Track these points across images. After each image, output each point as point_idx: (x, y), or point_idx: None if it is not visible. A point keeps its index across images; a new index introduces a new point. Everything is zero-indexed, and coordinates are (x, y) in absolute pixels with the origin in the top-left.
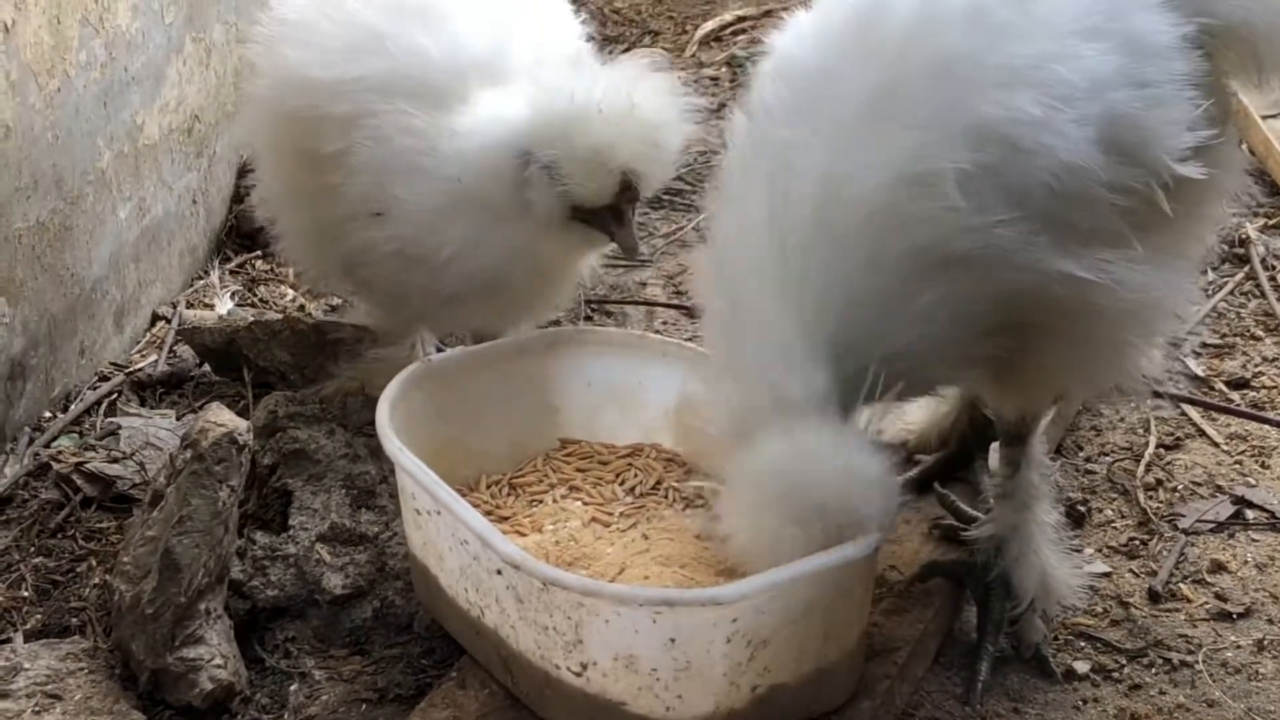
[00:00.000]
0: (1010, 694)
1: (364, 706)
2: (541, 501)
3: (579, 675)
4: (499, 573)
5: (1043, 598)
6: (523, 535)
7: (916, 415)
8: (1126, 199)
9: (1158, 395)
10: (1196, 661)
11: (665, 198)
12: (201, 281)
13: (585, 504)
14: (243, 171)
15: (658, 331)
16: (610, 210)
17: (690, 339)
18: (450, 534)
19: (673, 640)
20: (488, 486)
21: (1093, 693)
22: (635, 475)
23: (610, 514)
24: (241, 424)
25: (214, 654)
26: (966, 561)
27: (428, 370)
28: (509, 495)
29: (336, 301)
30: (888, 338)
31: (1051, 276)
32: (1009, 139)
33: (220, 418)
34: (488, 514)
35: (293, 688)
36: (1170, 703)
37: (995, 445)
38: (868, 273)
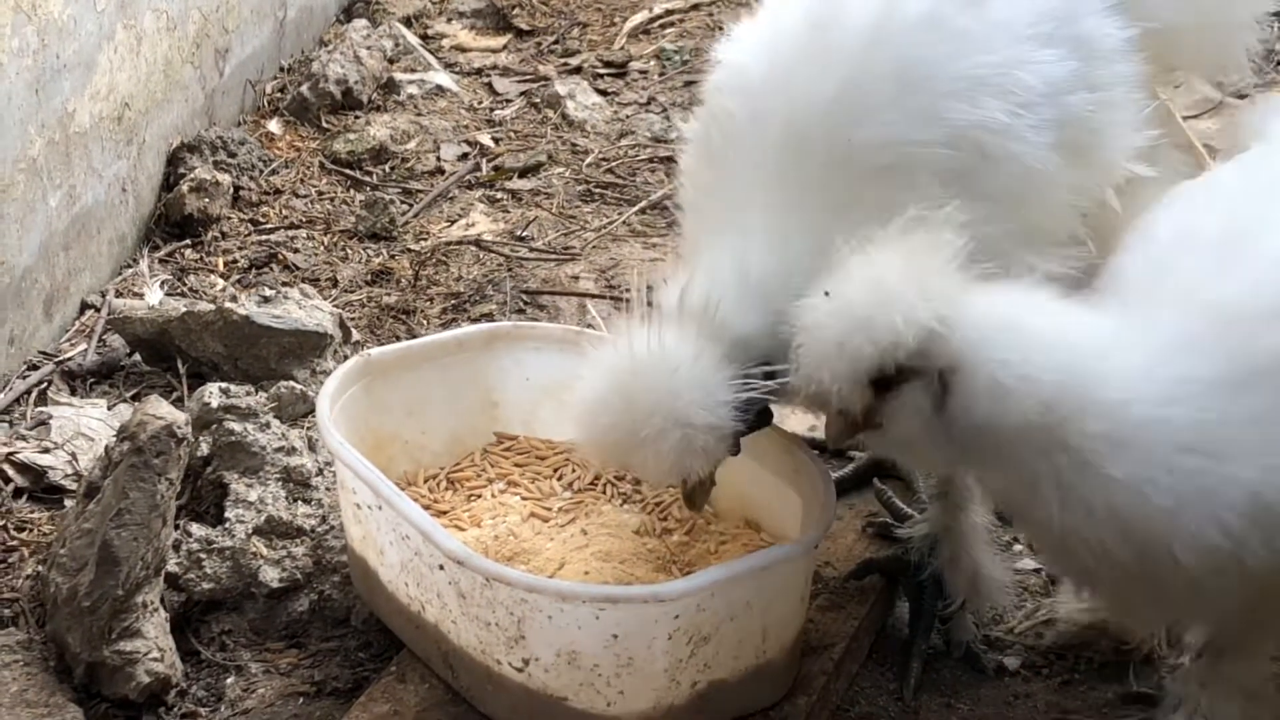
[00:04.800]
0: (943, 690)
1: (301, 700)
2: (480, 496)
3: (521, 670)
4: (441, 568)
5: (974, 598)
6: (461, 530)
7: None
8: (1082, 200)
9: None
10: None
11: (596, 191)
12: (130, 270)
13: (524, 499)
14: (171, 159)
15: (589, 325)
16: None
17: None
18: (391, 529)
19: (615, 636)
20: (425, 481)
21: (1024, 688)
22: (573, 471)
23: (549, 509)
24: (180, 417)
25: (151, 647)
26: (900, 559)
27: (367, 364)
28: (447, 490)
29: (269, 293)
30: None
31: (1019, 272)
32: (978, 145)
33: (159, 410)
34: (426, 509)
35: (229, 680)
36: (1099, 699)
37: None
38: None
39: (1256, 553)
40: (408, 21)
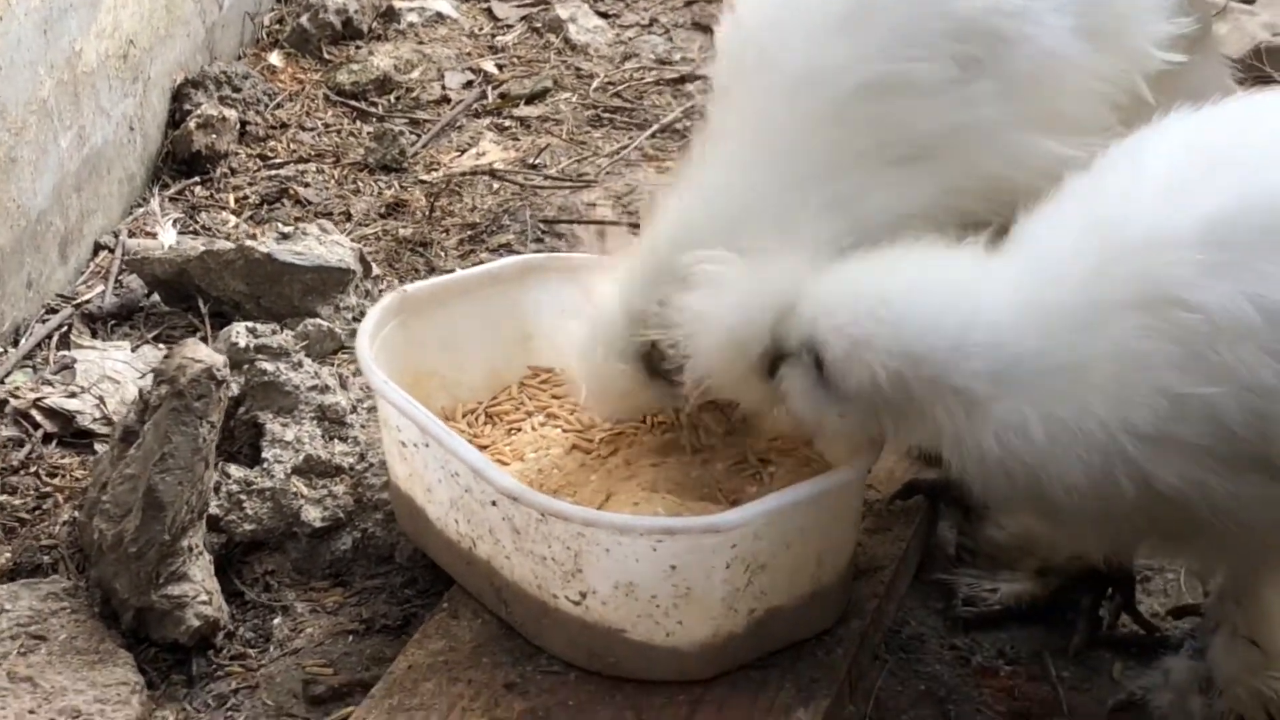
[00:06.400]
0: None
1: (350, 638)
2: (520, 430)
3: (578, 604)
4: (493, 504)
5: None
6: (504, 464)
7: None
8: (1110, 87)
9: None
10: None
11: (605, 116)
12: (141, 210)
13: (565, 431)
14: (176, 96)
15: (609, 252)
16: None
17: None
18: (440, 466)
19: (673, 568)
20: (464, 416)
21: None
22: None
23: (590, 441)
24: (219, 359)
25: (199, 590)
26: (946, 480)
27: (402, 301)
28: (486, 424)
29: (287, 229)
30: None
31: (1038, 158)
32: (993, 30)
33: (197, 353)
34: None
35: (276, 621)
36: (1145, 612)
37: None
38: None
39: (1126, 490)
40: None
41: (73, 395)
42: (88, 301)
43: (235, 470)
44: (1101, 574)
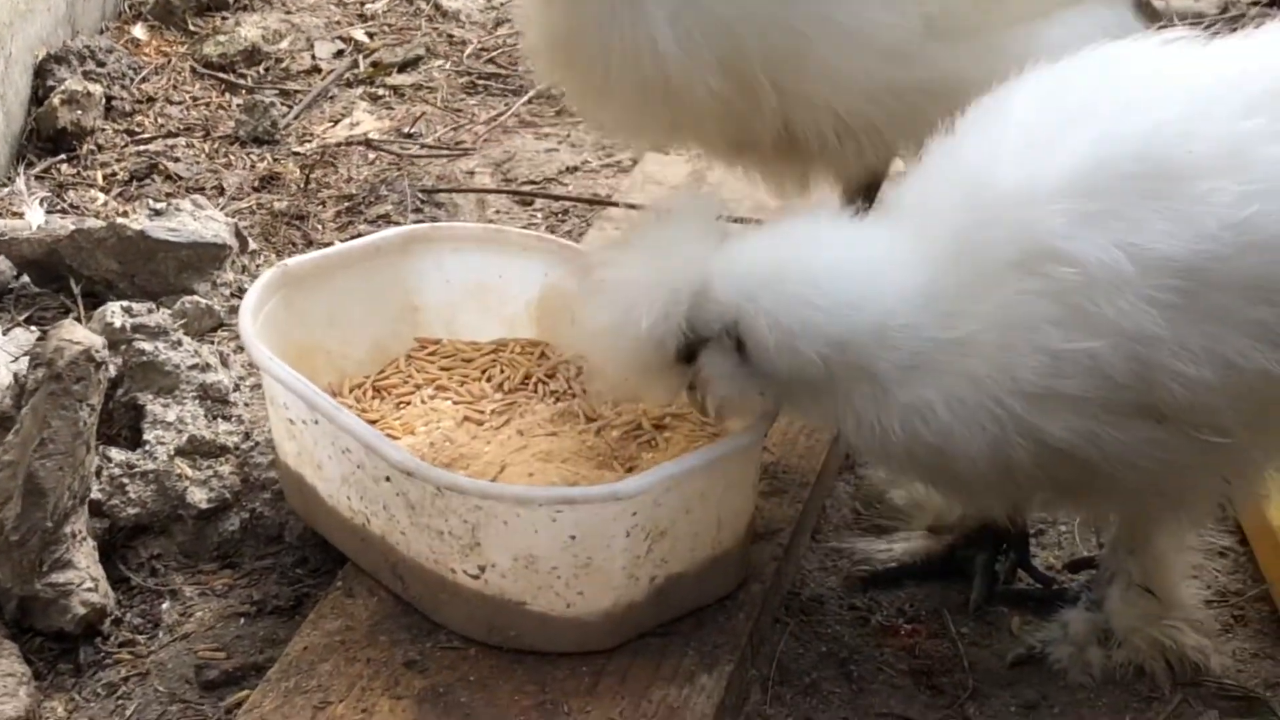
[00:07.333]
0: None
1: (242, 620)
2: (410, 403)
3: (476, 578)
4: (387, 480)
5: None
6: (395, 438)
7: None
8: None
9: None
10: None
11: (480, 82)
12: (6, 189)
13: (455, 403)
14: (39, 72)
15: (490, 220)
16: None
17: (525, 227)
18: (330, 443)
19: (573, 538)
20: (351, 391)
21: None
22: (502, 371)
23: (482, 412)
24: (97, 340)
25: (84, 577)
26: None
27: (285, 275)
28: (374, 399)
29: (159, 205)
30: None
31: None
32: None
33: (75, 335)
34: None
35: (164, 606)
36: (1040, 564)
37: None
38: None
39: (1022, 451)
40: None
41: None
42: None
43: (116, 453)
44: (995, 530)
